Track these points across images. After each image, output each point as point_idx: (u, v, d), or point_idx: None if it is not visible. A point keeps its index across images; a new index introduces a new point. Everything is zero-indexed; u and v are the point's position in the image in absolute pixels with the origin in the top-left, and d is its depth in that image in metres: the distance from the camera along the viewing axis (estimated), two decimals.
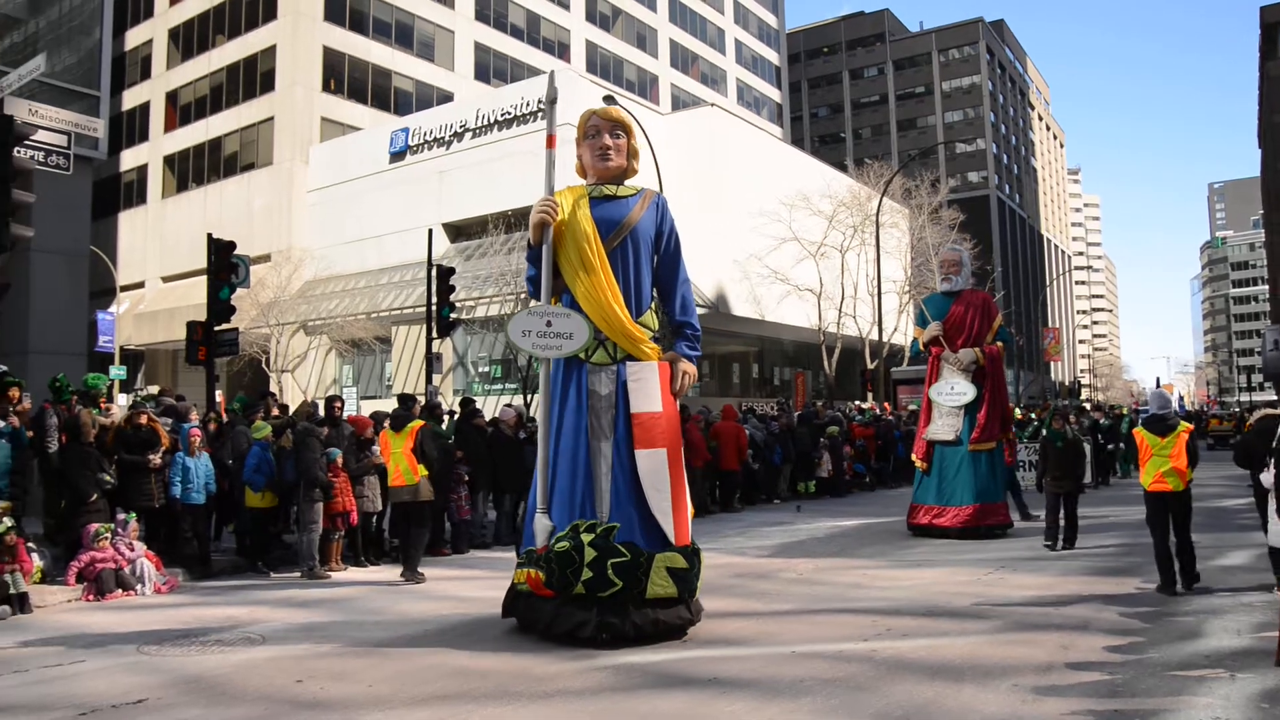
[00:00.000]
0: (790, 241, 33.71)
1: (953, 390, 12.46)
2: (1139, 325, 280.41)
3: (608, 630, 6.20)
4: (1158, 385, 72.35)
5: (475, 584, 9.28)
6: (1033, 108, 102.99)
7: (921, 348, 13.19)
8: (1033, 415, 22.91)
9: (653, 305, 6.97)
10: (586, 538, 6.30)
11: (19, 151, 10.58)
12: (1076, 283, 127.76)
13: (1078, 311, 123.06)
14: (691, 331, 7.01)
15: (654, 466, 6.46)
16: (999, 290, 51.75)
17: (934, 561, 10.13)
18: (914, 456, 13.03)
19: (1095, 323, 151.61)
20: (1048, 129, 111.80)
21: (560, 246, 6.83)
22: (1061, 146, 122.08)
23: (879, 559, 10.47)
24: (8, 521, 8.42)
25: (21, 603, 8.11)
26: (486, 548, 12.22)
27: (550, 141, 7.08)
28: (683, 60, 60.94)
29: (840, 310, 35.61)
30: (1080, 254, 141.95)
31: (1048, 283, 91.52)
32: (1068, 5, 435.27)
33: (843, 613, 7.44)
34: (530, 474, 12.51)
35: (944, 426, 12.51)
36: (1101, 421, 22.43)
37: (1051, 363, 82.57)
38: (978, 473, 12.17)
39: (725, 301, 35.26)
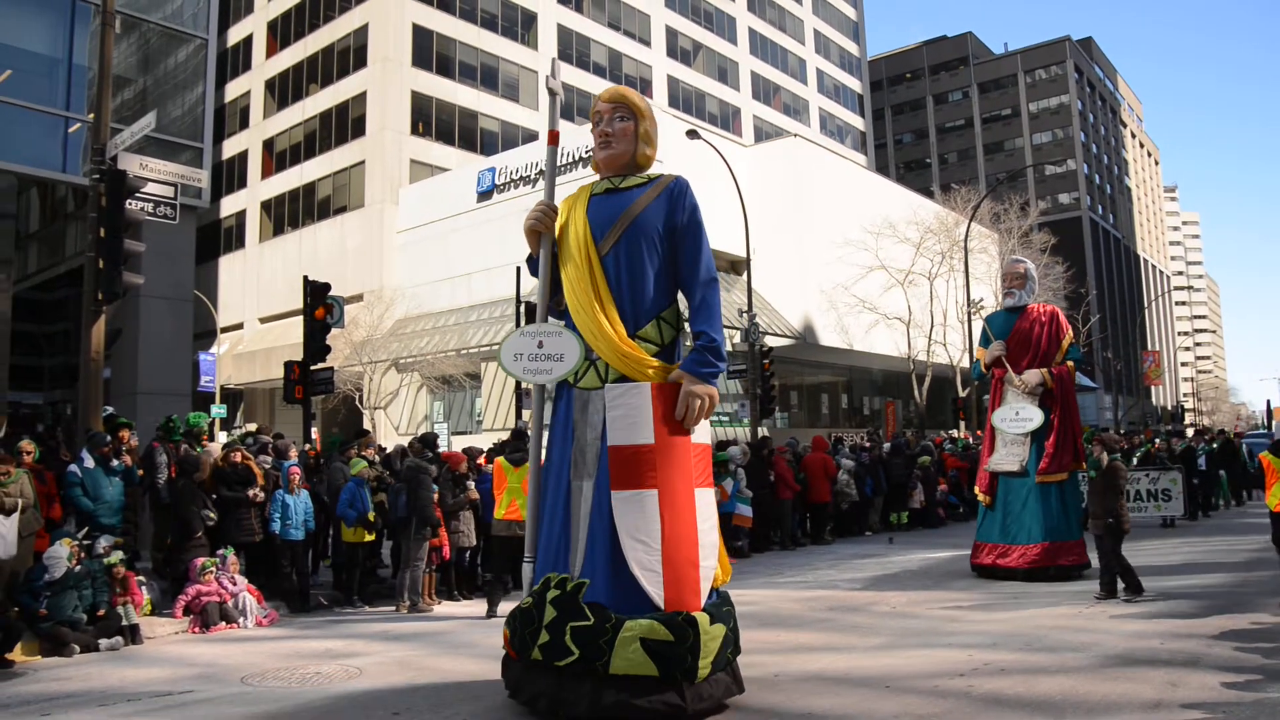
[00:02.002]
0: (877, 270, 33.41)
1: (1017, 416, 11.34)
2: (1247, 345, 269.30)
3: (562, 708, 5.16)
4: (1268, 408, 69.35)
5: None
6: (1125, 125, 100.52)
7: (984, 369, 11.98)
8: (1141, 438, 22.20)
9: (663, 315, 5.69)
10: (551, 594, 5.25)
11: (130, 204, 11.12)
12: (1177, 303, 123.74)
13: (1179, 333, 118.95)
14: (706, 343, 5.47)
15: (635, 511, 5.18)
16: (1094, 314, 50.41)
17: (1031, 595, 9.85)
18: (976, 489, 12.03)
19: (1198, 344, 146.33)
20: (1141, 146, 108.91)
21: (560, 254, 5.91)
22: (1156, 164, 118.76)
23: (974, 591, 10.23)
24: (120, 555, 8.79)
25: (133, 634, 8.45)
26: None
27: (553, 137, 6.15)
28: (764, 92, 61.07)
29: (930, 338, 35.08)
30: (1180, 273, 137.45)
31: (1146, 304, 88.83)
32: (1158, 18, 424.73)
33: (937, 647, 7.29)
34: None
35: (1008, 456, 11.38)
36: (1201, 447, 21.56)
37: (1152, 387, 79.88)
38: (1047, 507, 11.01)
39: (813, 332, 35.03)
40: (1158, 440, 20.58)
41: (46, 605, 8.16)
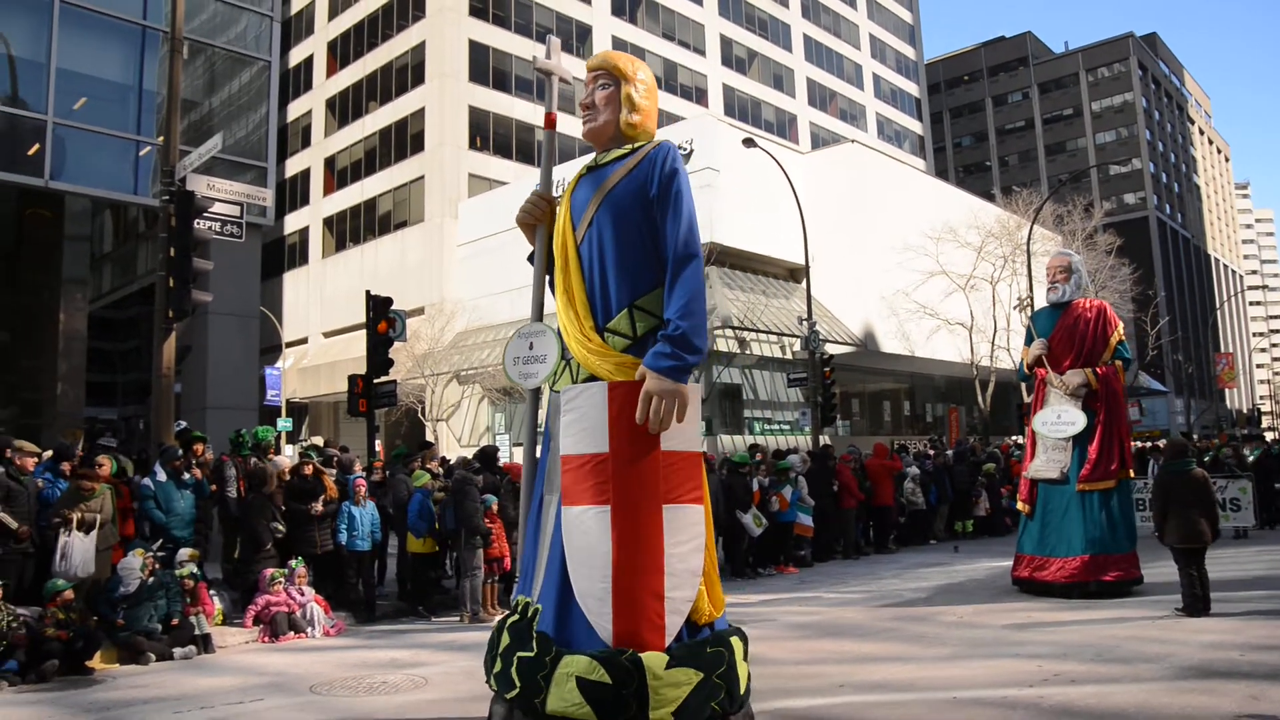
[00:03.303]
0: (938, 275, 33.00)
1: (1058, 419, 10.48)
2: None
3: None
4: None
5: None
6: (1192, 122, 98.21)
7: (1027, 369, 11.14)
8: (1216, 441, 21.62)
9: (638, 303, 4.72)
10: (511, 619, 4.67)
11: (198, 223, 11.41)
12: (1251, 304, 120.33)
13: (1253, 334, 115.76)
14: (670, 331, 4.44)
15: (583, 530, 4.39)
16: (1164, 315, 49.30)
17: (1101, 605, 9.62)
18: (1017, 498, 11.30)
19: (1274, 345, 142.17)
20: (1210, 143, 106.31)
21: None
22: (1227, 161, 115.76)
23: (1042, 601, 10.02)
24: (192, 567, 9.01)
25: (205, 643, 8.65)
26: None
27: (549, 121, 5.51)
28: (820, 98, 60.76)
29: (993, 343, 34.55)
30: (1253, 272, 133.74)
31: (1218, 305, 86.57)
32: (1226, 12, 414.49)
33: (1005, 657, 7.17)
34: None
35: (1049, 462, 10.55)
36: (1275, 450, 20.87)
37: (1226, 390, 77.84)
38: (1089, 517, 10.15)
39: (873, 338, 34.73)
40: (1226, 447, 19.96)
41: (123, 615, 8.39)
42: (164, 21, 18.81)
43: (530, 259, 5.33)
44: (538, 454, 5.09)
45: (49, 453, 9.86)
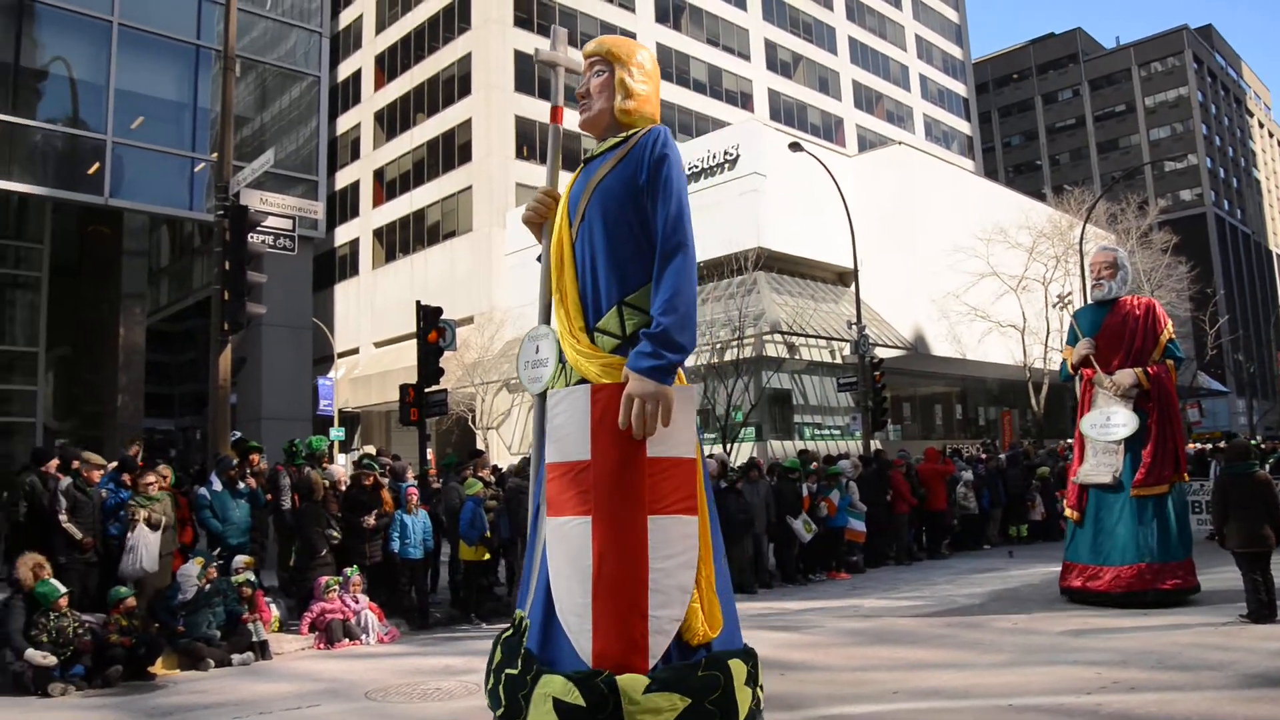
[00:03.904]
0: (989, 277, 32.60)
1: (1109, 422, 10.04)
2: None
3: None
4: None
5: None
6: (1251, 115, 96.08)
7: (1071, 370, 10.72)
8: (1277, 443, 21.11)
9: (628, 299, 4.31)
10: (505, 634, 4.43)
11: (252, 237, 11.63)
12: None
13: None
14: (653, 329, 4.03)
15: (565, 542, 4.09)
16: (1223, 314, 48.27)
17: (1161, 611, 9.44)
18: (1064, 504, 10.79)
19: None
20: (1270, 136, 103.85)
21: None
22: None
23: (1100, 607, 9.85)
24: (249, 575, 9.18)
25: (263, 649, 8.81)
26: None
27: (555, 114, 5.16)
28: (867, 100, 60.38)
29: (1046, 345, 34.05)
30: None
31: None
32: None
33: (1063, 664, 7.06)
34: (730, 524, 12.63)
35: (1099, 467, 10.09)
36: None
37: None
38: (1144, 524, 9.71)
39: (924, 342, 34.40)
40: None
41: (183, 622, 8.57)
42: (216, 40, 19.21)
43: (540, 259, 4.94)
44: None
45: (114, 464, 10.12)
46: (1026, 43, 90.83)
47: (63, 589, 8.03)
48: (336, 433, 34.81)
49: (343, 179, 50.19)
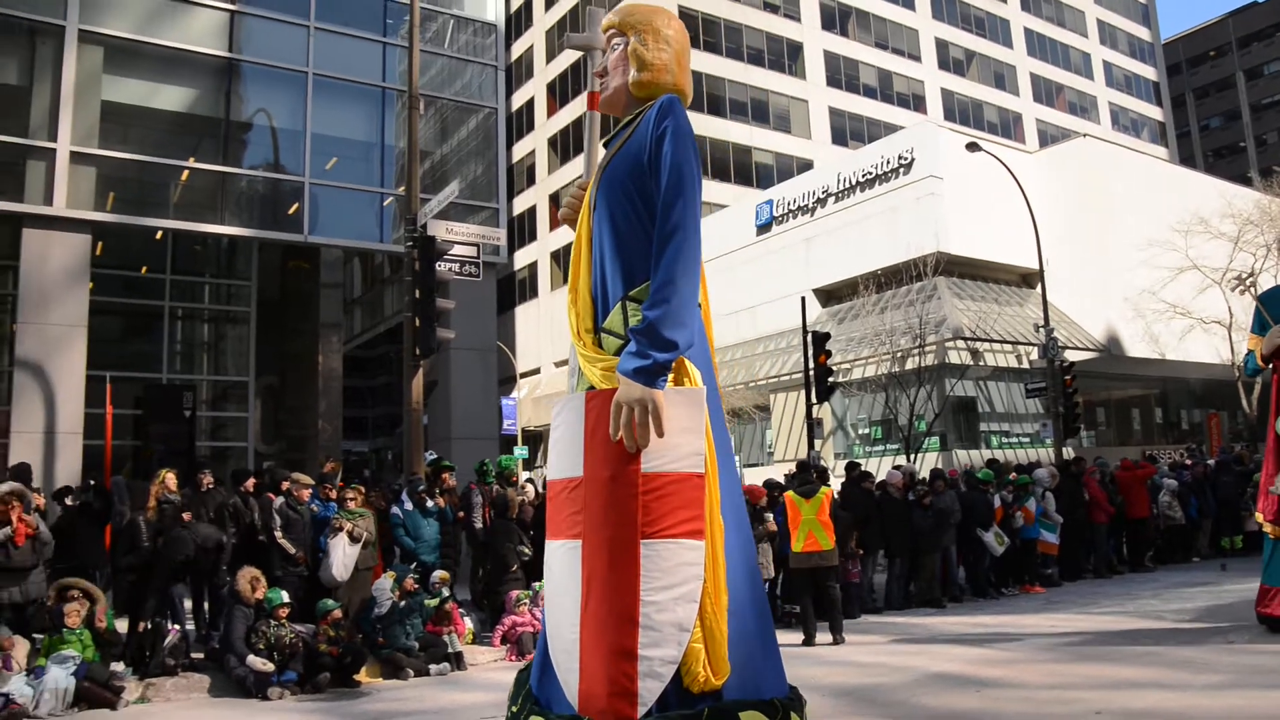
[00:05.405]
0: (1189, 270, 30.63)
1: None
2: None
3: None
4: None
5: (868, 649, 9.18)
6: None
7: (1260, 363, 9.05)
8: None
9: (633, 294, 3.70)
10: (525, 665, 4.00)
11: (439, 265, 12.19)
12: None
13: None
14: (639, 325, 3.43)
15: (558, 568, 3.56)
16: None
17: None
18: (1259, 517, 9.05)
19: None
20: None
21: None
22: None
23: None
24: (446, 591, 9.60)
25: (458, 660, 9.19)
26: (878, 612, 12.05)
27: (592, 101, 4.78)
28: (1046, 93, 57.92)
29: None
30: None
31: None
32: None
33: None
34: (923, 536, 12.33)
35: None
36: None
37: None
38: None
39: (1118, 343, 32.64)
40: None
41: (382, 634, 9.05)
42: (400, 81, 20.26)
43: None
44: None
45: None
46: (1224, 15, 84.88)
47: (285, 597, 8.67)
48: (520, 451, 35.87)
49: (520, 204, 51.86)
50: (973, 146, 24.93)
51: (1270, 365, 8.87)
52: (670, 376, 3.45)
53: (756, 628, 3.57)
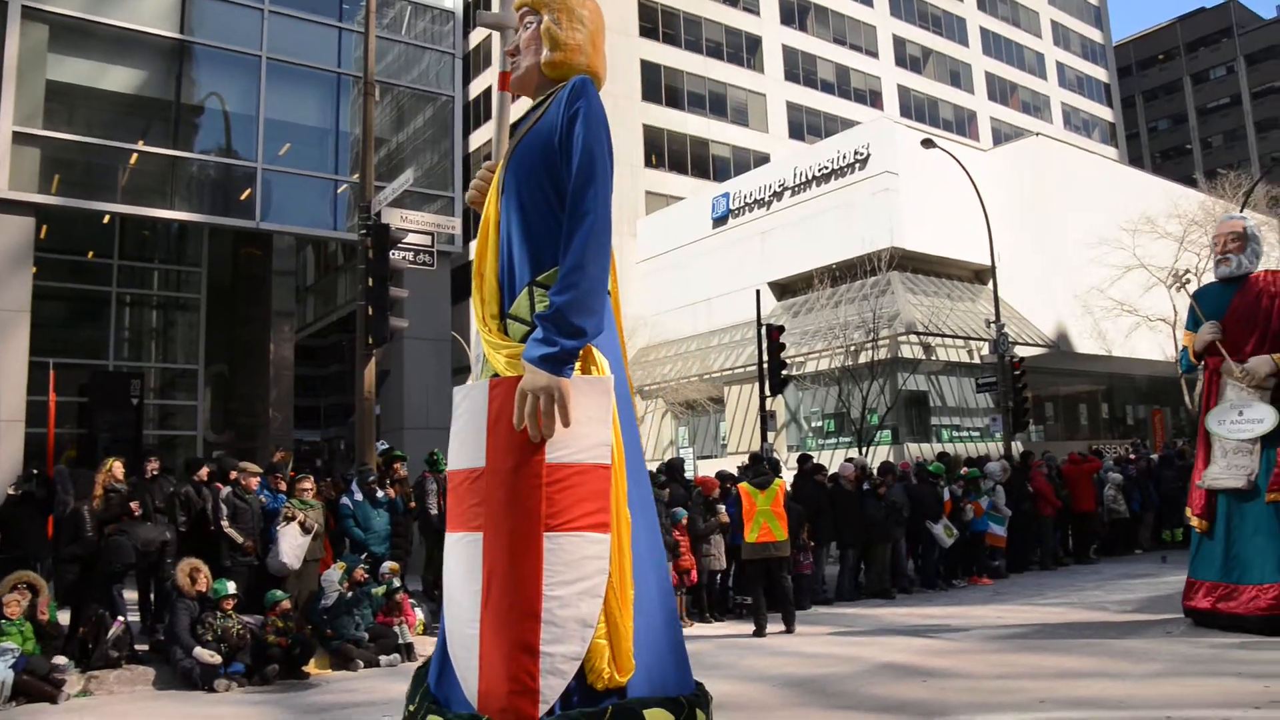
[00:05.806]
0: (1136, 269, 31.18)
1: (1240, 417, 8.48)
2: None
3: None
4: None
5: (818, 640, 9.26)
6: None
7: (1193, 359, 8.97)
8: None
9: (540, 279, 3.56)
10: (421, 663, 4.04)
11: (393, 254, 12.06)
12: None
13: None
14: (545, 311, 3.34)
15: (457, 562, 3.41)
16: None
17: None
18: (1188, 512, 9.09)
19: None
20: None
21: None
22: None
23: (1234, 631, 9.17)
24: (396, 582, 9.53)
25: (408, 651, 9.14)
26: (828, 603, 12.16)
27: (503, 80, 4.61)
28: (1001, 92, 58.62)
29: None
30: None
31: None
32: None
33: (1225, 676, 6.67)
34: (876, 526, 12.46)
35: (1229, 469, 8.50)
36: None
37: None
38: None
39: (1067, 340, 33.17)
40: None
41: (330, 625, 8.97)
42: (355, 67, 20.00)
43: None
44: None
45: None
46: (1173, 20, 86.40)
47: (232, 588, 8.57)
48: None
49: None
50: (928, 143, 25.17)
51: (1203, 362, 8.93)
52: (577, 365, 3.32)
53: (664, 623, 3.47)
